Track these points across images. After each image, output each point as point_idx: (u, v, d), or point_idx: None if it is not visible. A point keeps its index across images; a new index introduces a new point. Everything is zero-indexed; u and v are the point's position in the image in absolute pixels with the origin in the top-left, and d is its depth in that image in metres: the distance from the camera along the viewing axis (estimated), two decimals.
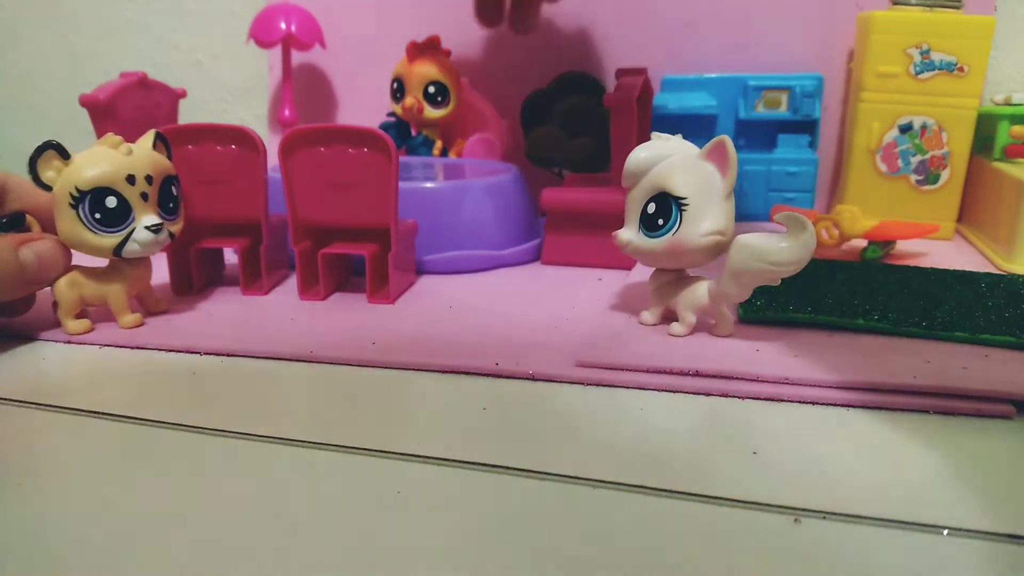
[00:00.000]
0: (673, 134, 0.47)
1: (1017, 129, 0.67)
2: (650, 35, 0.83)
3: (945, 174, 0.71)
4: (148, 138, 0.48)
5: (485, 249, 0.62)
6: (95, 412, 0.38)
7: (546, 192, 0.63)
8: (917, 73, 0.69)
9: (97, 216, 0.45)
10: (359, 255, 0.54)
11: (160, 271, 0.53)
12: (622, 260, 0.61)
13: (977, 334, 0.44)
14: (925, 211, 0.72)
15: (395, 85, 0.82)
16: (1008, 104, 0.72)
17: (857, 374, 0.39)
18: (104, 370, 0.44)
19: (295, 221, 0.54)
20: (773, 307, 0.48)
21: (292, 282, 0.57)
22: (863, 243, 0.64)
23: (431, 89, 0.82)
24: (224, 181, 0.54)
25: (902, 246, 0.67)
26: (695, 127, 0.78)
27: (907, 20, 0.69)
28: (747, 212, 0.77)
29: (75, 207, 0.45)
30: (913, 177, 0.72)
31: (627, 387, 0.40)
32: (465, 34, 0.88)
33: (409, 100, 0.81)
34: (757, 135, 0.79)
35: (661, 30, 0.83)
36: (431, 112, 0.83)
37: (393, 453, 0.34)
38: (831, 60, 0.80)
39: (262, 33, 0.87)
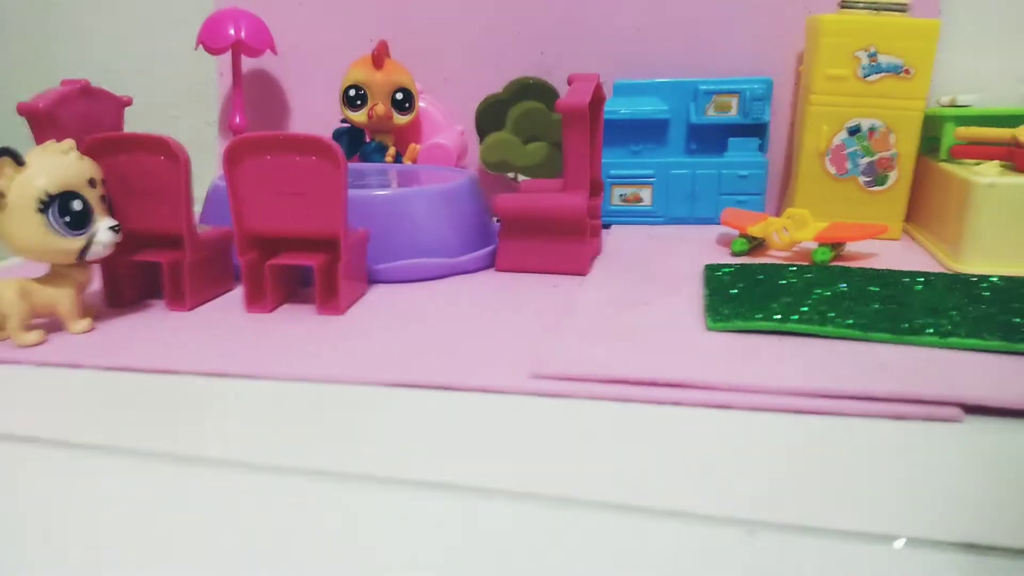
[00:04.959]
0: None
1: (962, 130, 0.68)
2: (602, 40, 0.83)
3: (893, 175, 0.72)
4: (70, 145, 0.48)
5: (439, 257, 0.61)
6: (29, 438, 0.36)
7: (499, 198, 0.62)
8: (865, 76, 0.70)
9: (66, 219, 0.46)
10: (308, 266, 0.53)
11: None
12: (577, 266, 0.61)
13: (946, 337, 0.44)
14: (874, 212, 0.73)
15: (352, 92, 0.81)
16: (953, 105, 0.73)
17: (809, 381, 0.39)
18: (38, 391, 0.42)
19: (241, 231, 0.53)
20: (740, 315, 0.48)
21: (238, 294, 0.56)
22: (813, 245, 0.64)
23: (399, 96, 0.81)
24: (151, 192, 0.53)
25: (852, 247, 0.67)
26: (647, 132, 0.78)
27: (855, 23, 0.70)
28: (700, 216, 0.78)
29: (44, 211, 0.45)
30: (862, 179, 0.73)
31: (582, 398, 0.40)
32: (417, 40, 0.87)
33: (381, 107, 0.80)
34: (708, 139, 0.79)
35: (613, 35, 0.83)
36: (400, 119, 0.82)
37: (342, 474, 0.33)
38: (781, 63, 0.80)
39: (211, 39, 0.86)
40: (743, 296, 0.52)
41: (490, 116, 0.83)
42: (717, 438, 0.36)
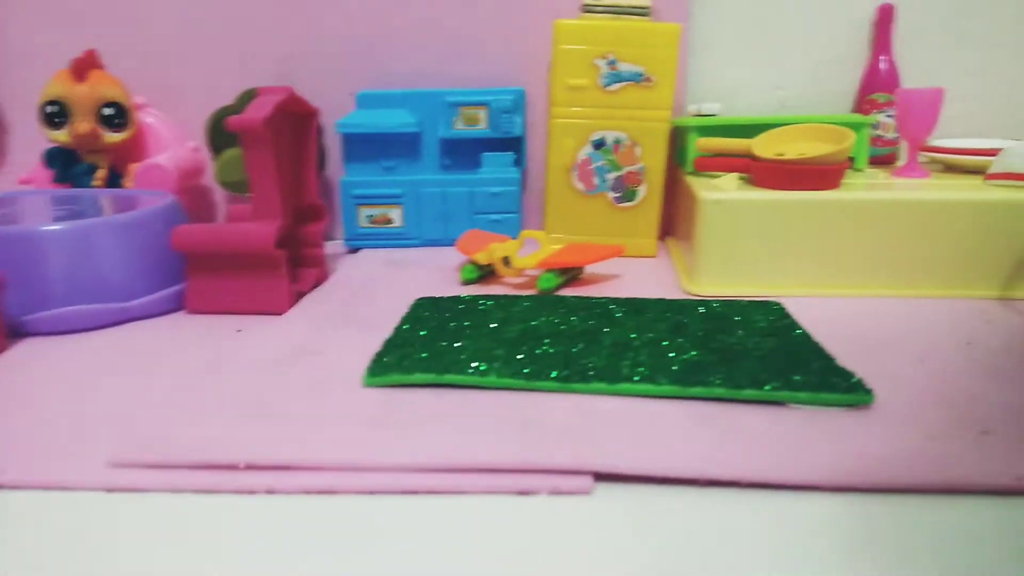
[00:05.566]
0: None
1: (703, 142, 0.65)
2: (346, 47, 0.76)
3: (642, 190, 0.68)
4: None
5: (108, 302, 0.52)
6: None
7: (177, 230, 0.54)
8: (606, 85, 0.66)
9: None
10: None
11: None
12: (273, 304, 0.54)
13: (616, 383, 0.39)
14: (627, 229, 0.69)
15: (52, 108, 0.71)
16: (699, 115, 0.70)
17: (436, 452, 0.33)
18: None
19: None
20: (402, 367, 0.41)
21: None
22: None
23: (107, 111, 0.71)
24: None
25: (596, 268, 0.63)
26: (397, 147, 0.72)
27: (593, 29, 0.66)
28: (453, 237, 0.71)
29: None
30: (611, 195, 0.69)
31: (163, 491, 0.32)
32: (136, 46, 0.77)
33: (85, 125, 0.70)
34: (464, 154, 0.73)
35: (358, 42, 0.76)
36: (111, 137, 0.72)
37: None
38: (537, 72, 0.76)
39: None
40: (426, 339, 0.46)
41: (223, 130, 0.75)
42: (312, 531, 0.29)
